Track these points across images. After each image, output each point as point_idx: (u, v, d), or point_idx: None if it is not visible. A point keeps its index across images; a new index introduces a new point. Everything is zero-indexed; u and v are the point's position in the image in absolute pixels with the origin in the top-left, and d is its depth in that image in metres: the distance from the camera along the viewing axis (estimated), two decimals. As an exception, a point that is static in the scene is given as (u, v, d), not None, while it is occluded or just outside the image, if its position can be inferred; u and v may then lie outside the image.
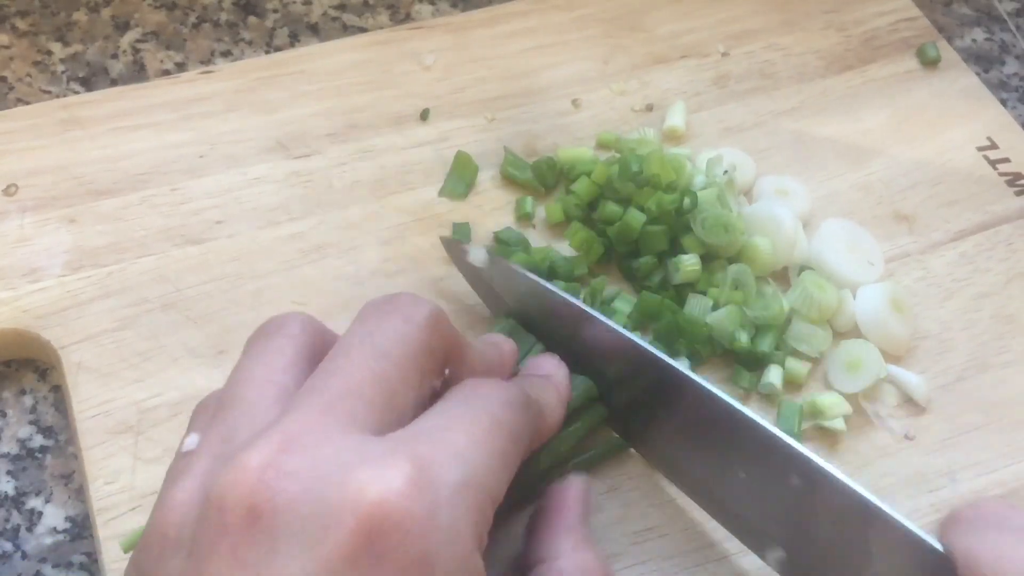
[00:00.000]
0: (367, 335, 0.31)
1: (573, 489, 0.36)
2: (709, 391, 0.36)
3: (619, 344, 0.38)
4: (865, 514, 0.32)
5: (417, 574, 0.27)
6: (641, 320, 0.44)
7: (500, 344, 0.37)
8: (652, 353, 0.37)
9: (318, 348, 0.32)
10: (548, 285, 0.40)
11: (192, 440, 0.30)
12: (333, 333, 0.33)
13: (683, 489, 0.40)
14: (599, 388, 0.40)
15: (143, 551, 0.29)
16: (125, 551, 0.36)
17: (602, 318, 0.38)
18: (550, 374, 0.38)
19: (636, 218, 0.45)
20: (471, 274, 0.44)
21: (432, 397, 0.32)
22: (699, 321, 0.43)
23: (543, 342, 0.41)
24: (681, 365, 0.37)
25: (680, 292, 0.45)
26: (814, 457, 0.33)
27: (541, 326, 0.41)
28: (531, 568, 0.34)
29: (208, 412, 0.31)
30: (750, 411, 0.35)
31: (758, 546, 0.37)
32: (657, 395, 0.38)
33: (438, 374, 0.32)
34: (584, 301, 0.42)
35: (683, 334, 0.43)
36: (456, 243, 0.43)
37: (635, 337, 0.38)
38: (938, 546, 0.31)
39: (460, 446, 0.29)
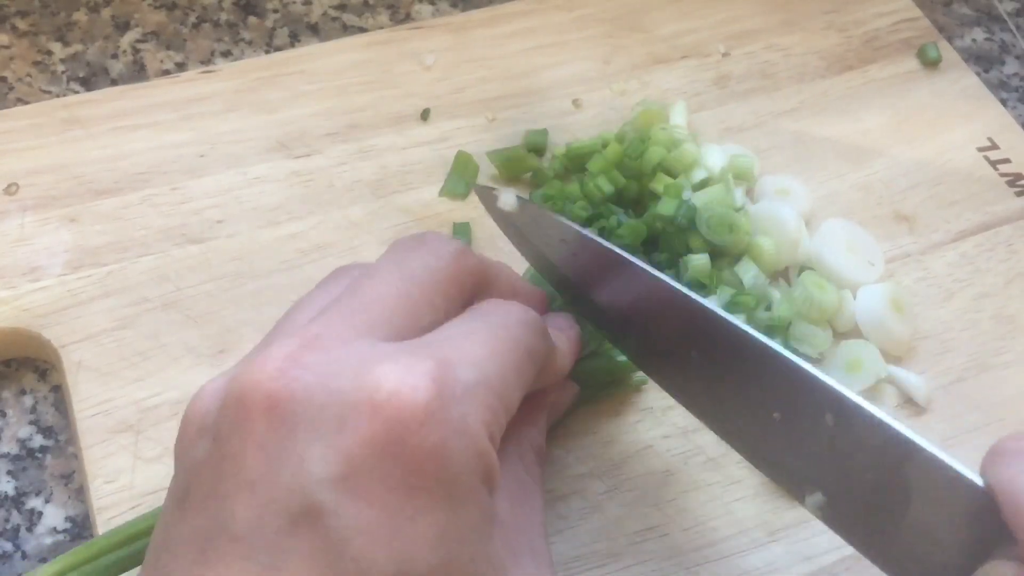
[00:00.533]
0: (395, 261, 0.32)
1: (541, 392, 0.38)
2: (742, 330, 0.35)
3: (653, 286, 0.37)
4: (903, 450, 0.31)
5: (432, 461, 0.28)
6: None
7: (535, 289, 0.39)
8: (688, 295, 0.36)
9: None
10: (581, 229, 0.39)
11: None
12: None
13: (720, 435, 0.39)
14: (629, 335, 0.40)
15: (178, 443, 0.30)
16: None
17: (636, 261, 0.38)
18: (564, 328, 0.39)
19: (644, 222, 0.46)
20: (503, 221, 0.43)
21: None
22: None
23: (572, 292, 0.41)
24: (715, 306, 0.36)
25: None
26: (849, 393, 0.32)
27: (571, 273, 0.41)
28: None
29: None
30: (783, 348, 0.34)
31: (797, 491, 0.36)
32: (691, 338, 0.37)
33: (464, 302, 0.33)
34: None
35: None
36: (487, 189, 0.43)
37: (670, 279, 0.37)
38: (979, 481, 0.30)
39: (476, 353, 0.30)
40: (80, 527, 0.41)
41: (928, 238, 0.50)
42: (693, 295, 0.36)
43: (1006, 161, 0.53)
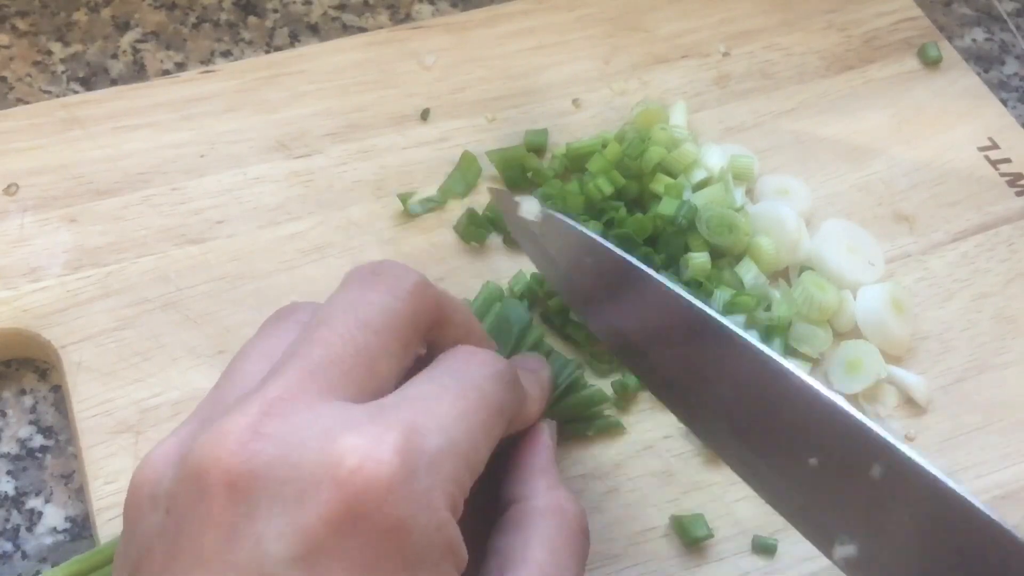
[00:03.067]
0: (349, 305, 0.31)
1: (544, 432, 0.36)
2: (785, 368, 0.32)
3: (683, 310, 0.35)
4: (955, 511, 0.29)
5: (393, 538, 0.27)
6: None
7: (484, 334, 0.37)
8: (725, 324, 0.34)
9: None
10: (607, 243, 0.37)
11: None
12: None
13: (740, 473, 0.36)
14: (649, 358, 0.38)
15: (127, 508, 0.30)
16: None
17: (667, 281, 0.35)
18: (535, 370, 0.38)
19: (647, 217, 0.46)
20: (520, 229, 0.41)
21: (418, 362, 0.32)
22: None
23: (586, 306, 0.39)
24: (754, 338, 0.33)
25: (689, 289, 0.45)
26: (901, 445, 0.30)
27: (590, 288, 0.39)
28: (504, 509, 0.33)
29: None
30: (827, 390, 0.32)
31: (823, 540, 0.34)
32: (720, 369, 0.35)
33: (421, 343, 0.32)
34: None
35: None
36: (507, 195, 0.41)
37: (698, 300, 0.34)
38: None
39: (444, 416, 0.29)
40: (80, 527, 0.41)
41: (928, 238, 0.50)
42: (730, 324, 0.34)
43: (1006, 161, 0.53)
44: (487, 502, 0.34)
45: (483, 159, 0.49)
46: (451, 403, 0.29)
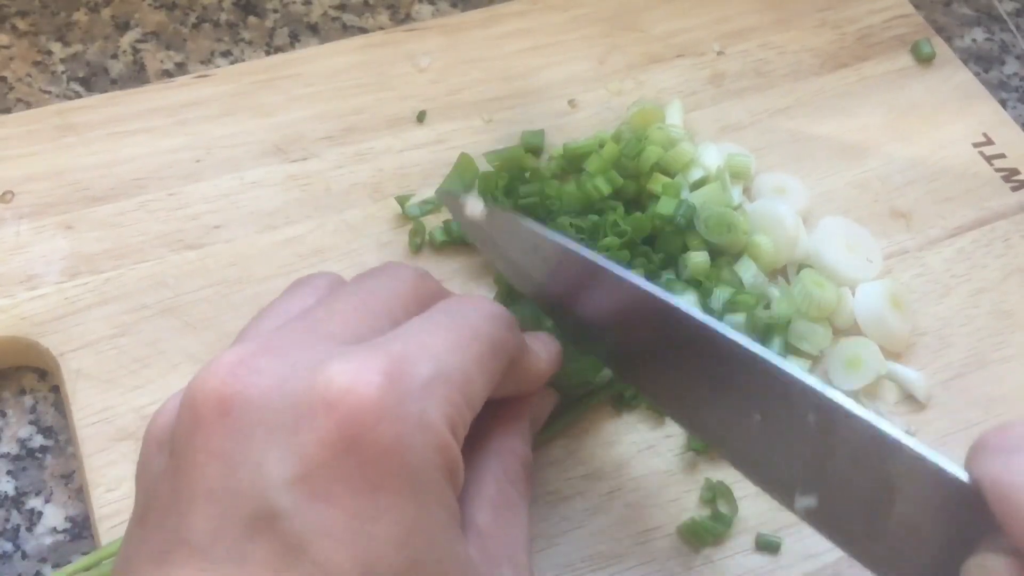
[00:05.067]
0: (355, 284, 0.33)
1: (527, 396, 0.37)
2: (715, 329, 0.34)
3: (626, 291, 0.36)
4: (886, 448, 0.30)
5: (390, 460, 0.27)
6: None
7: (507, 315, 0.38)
8: (660, 296, 0.35)
9: None
10: (551, 234, 0.38)
11: None
12: None
13: (705, 440, 0.38)
14: (606, 343, 0.39)
15: (139, 460, 0.30)
16: None
17: (609, 265, 0.37)
18: (544, 340, 0.38)
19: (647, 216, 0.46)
20: (471, 228, 0.42)
21: None
22: (714, 313, 0.43)
23: (544, 299, 0.40)
24: (688, 305, 0.35)
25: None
26: (829, 391, 0.32)
27: (543, 279, 0.40)
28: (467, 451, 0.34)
29: None
30: (760, 347, 0.33)
31: (785, 495, 0.35)
32: (665, 341, 0.37)
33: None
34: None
35: None
36: (453, 196, 0.42)
37: (644, 282, 0.36)
38: (964, 476, 0.29)
39: (434, 346, 0.30)
40: (80, 527, 0.41)
41: (925, 234, 0.50)
42: (666, 295, 0.35)
43: (1001, 156, 0.53)
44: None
45: (480, 160, 0.49)
46: (443, 336, 0.30)
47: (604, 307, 0.38)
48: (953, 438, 0.44)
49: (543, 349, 0.37)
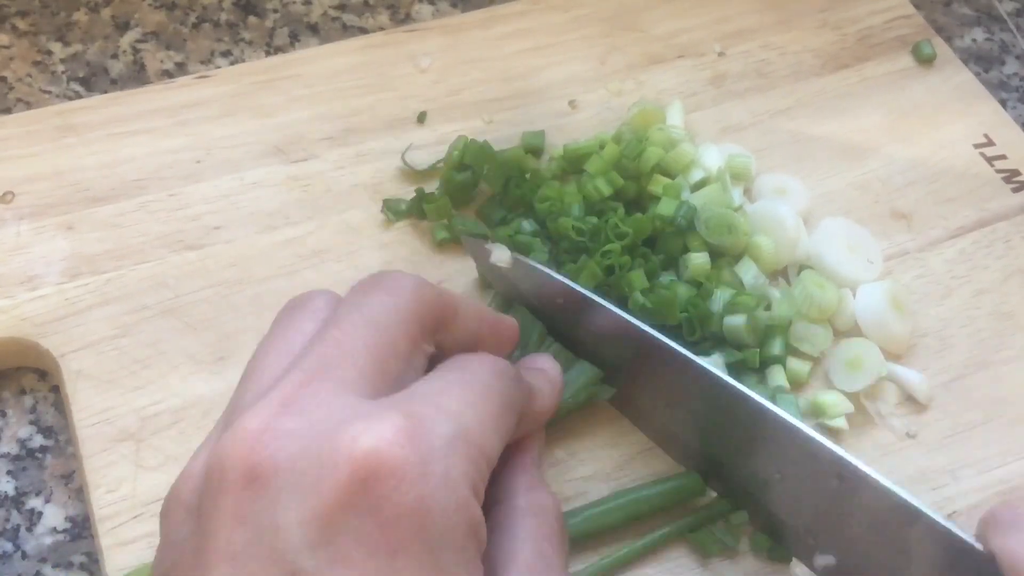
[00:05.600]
0: (355, 306, 0.32)
1: (527, 436, 0.37)
2: (745, 393, 0.36)
3: (654, 347, 0.38)
4: (905, 515, 0.33)
5: (413, 520, 0.27)
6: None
7: (499, 319, 0.38)
8: (690, 357, 0.37)
9: None
10: (575, 285, 0.40)
11: None
12: None
13: (725, 496, 0.40)
14: (628, 393, 0.40)
15: (163, 519, 0.30)
16: None
17: (634, 321, 0.39)
18: (544, 368, 0.39)
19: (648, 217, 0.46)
20: (492, 274, 0.43)
21: (430, 363, 0.33)
22: (715, 315, 0.43)
23: (568, 344, 0.41)
24: (717, 368, 0.37)
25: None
26: (853, 459, 0.34)
27: (566, 328, 0.41)
28: (487, 510, 0.34)
29: None
30: (785, 411, 0.35)
31: (805, 552, 0.37)
32: (692, 398, 0.38)
33: (429, 339, 0.33)
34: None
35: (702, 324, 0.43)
36: (478, 243, 0.43)
37: (668, 339, 0.38)
38: (978, 545, 0.32)
39: (452, 406, 0.30)
40: (80, 527, 0.41)
41: (926, 235, 0.50)
42: (695, 357, 0.37)
43: (1002, 157, 0.53)
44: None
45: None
46: (458, 395, 0.30)
47: (626, 358, 0.40)
48: (954, 440, 0.44)
49: (545, 383, 0.38)
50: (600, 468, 0.42)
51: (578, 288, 0.40)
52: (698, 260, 0.45)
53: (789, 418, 0.35)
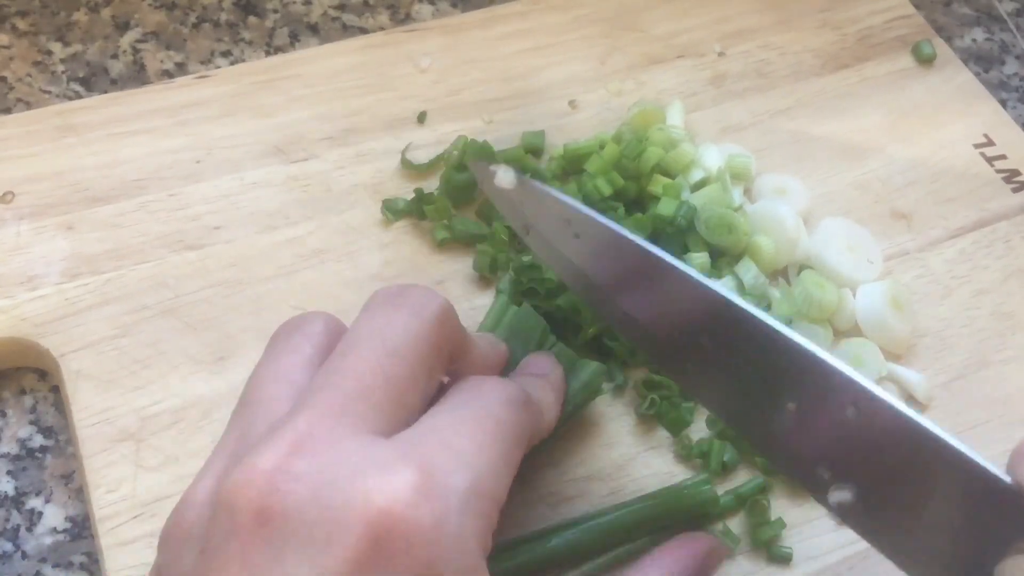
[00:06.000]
0: (377, 331, 0.31)
1: None
2: (753, 314, 0.33)
3: (660, 268, 0.35)
4: (926, 444, 0.30)
5: None
6: None
7: (496, 344, 0.38)
8: (696, 277, 0.34)
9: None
10: (585, 208, 0.37)
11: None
12: None
13: (735, 428, 0.37)
14: (638, 322, 0.37)
15: (163, 545, 0.30)
16: None
17: (643, 242, 0.36)
18: (546, 373, 0.38)
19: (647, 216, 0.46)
20: (500, 199, 0.41)
21: (439, 391, 0.32)
22: None
23: (573, 274, 0.39)
24: (726, 289, 0.34)
25: None
26: (872, 386, 0.31)
27: (573, 255, 0.39)
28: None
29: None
30: (799, 336, 0.33)
31: (819, 488, 0.34)
32: (701, 324, 0.35)
33: (444, 370, 0.32)
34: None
35: None
36: (483, 165, 0.41)
37: (682, 264, 0.35)
38: (1006, 478, 0.29)
39: (466, 451, 0.29)
40: (80, 527, 0.41)
41: (926, 235, 0.50)
42: (702, 278, 0.34)
43: (1002, 157, 0.53)
44: None
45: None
46: (470, 436, 0.30)
47: (633, 284, 0.37)
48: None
49: (550, 393, 0.37)
50: (600, 468, 0.42)
51: (585, 209, 0.37)
52: (698, 260, 0.45)
53: (802, 341, 0.32)
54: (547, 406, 0.36)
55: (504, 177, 0.40)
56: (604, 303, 0.38)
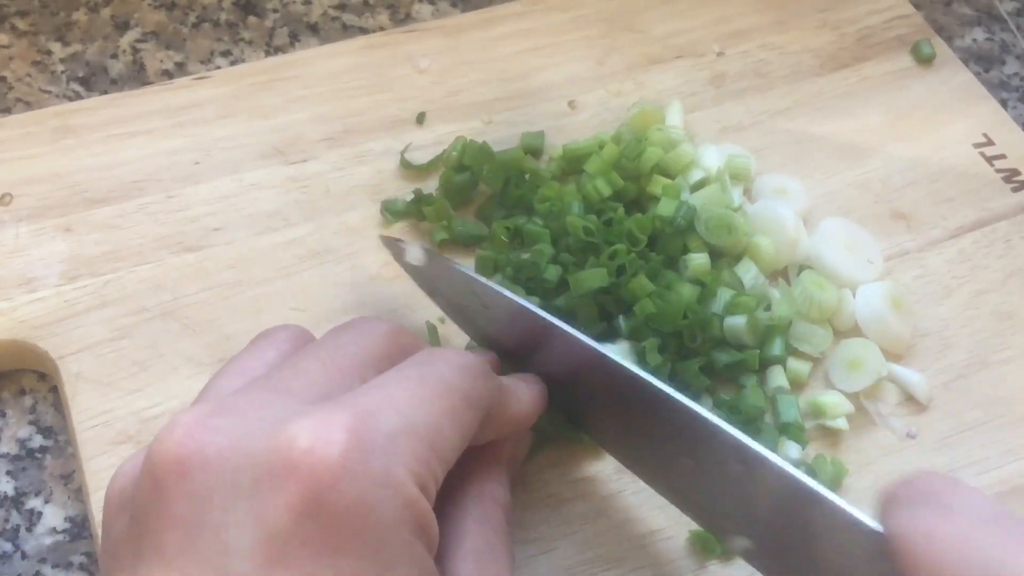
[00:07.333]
0: (324, 340, 0.33)
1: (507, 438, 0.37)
2: (642, 378, 0.35)
3: (561, 341, 0.37)
4: (806, 499, 0.31)
5: (352, 521, 0.27)
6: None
7: (533, 383, 0.38)
8: (592, 347, 0.36)
9: None
10: (489, 282, 0.39)
11: None
12: None
13: (645, 479, 0.39)
14: (550, 387, 0.39)
15: (103, 521, 0.30)
16: None
17: (541, 313, 0.37)
18: (527, 379, 0.38)
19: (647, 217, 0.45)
20: (412, 272, 0.43)
21: None
22: (715, 318, 0.43)
23: (487, 341, 0.41)
24: (615, 353, 0.36)
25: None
26: (751, 443, 0.33)
27: (483, 324, 0.41)
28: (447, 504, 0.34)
29: None
30: (679, 394, 0.34)
31: (724, 533, 0.36)
32: (598, 387, 0.37)
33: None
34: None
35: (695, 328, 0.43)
36: (395, 241, 0.43)
37: (577, 333, 0.37)
38: (877, 527, 0.30)
39: (401, 400, 0.29)
40: (80, 527, 0.41)
41: (926, 235, 0.50)
42: (591, 343, 0.36)
43: (1002, 157, 0.53)
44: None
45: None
46: (412, 390, 0.30)
47: (539, 351, 0.38)
48: (955, 440, 0.44)
49: (526, 390, 0.37)
50: (600, 469, 0.41)
51: (493, 286, 0.38)
52: (698, 261, 0.45)
53: (691, 405, 0.34)
54: (517, 395, 0.36)
55: (413, 254, 0.41)
56: (515, 363, 0.39)
